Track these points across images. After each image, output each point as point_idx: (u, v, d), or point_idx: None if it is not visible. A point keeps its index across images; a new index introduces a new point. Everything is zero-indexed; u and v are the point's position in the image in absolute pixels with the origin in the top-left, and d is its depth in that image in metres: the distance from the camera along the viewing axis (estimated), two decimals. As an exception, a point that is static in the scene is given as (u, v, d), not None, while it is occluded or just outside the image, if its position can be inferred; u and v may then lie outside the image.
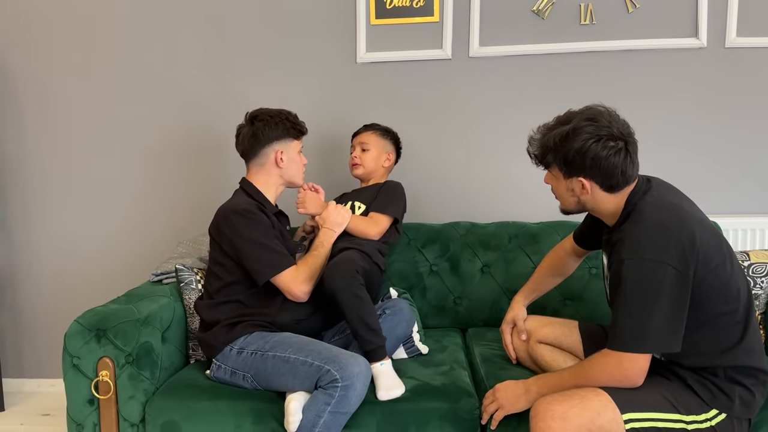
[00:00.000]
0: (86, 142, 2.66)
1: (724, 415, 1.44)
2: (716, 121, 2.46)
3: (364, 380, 1.62)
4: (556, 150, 1.49)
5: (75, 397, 1.74)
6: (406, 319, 1.92)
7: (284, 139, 1.96)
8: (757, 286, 1.94)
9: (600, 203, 1.53)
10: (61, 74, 2.63)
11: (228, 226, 1.82)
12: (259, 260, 1.81)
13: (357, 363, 1.63)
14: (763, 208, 2.48)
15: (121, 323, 1.74)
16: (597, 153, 1.44)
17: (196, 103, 2.60)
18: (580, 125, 1.46)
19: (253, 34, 2.56)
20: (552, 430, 1.37)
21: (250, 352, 1.75)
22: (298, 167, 2.01)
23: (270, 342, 1.76)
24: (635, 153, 1.49)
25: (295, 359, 1.67)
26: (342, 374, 1.59)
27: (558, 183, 1.57)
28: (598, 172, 1.47)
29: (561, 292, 2.22)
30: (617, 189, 1.50)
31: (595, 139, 1.44)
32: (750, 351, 1.47)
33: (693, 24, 2.42)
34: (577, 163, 1.47)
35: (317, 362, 1.64)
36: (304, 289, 1.84)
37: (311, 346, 1.71)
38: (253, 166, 1.99)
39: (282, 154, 1.95)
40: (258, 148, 1.95)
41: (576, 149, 1.45)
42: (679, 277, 1.37)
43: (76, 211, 2.70)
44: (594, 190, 1.51)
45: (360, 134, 2.29)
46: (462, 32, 2.48)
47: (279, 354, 1.71)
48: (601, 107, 1.51)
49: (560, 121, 1.53)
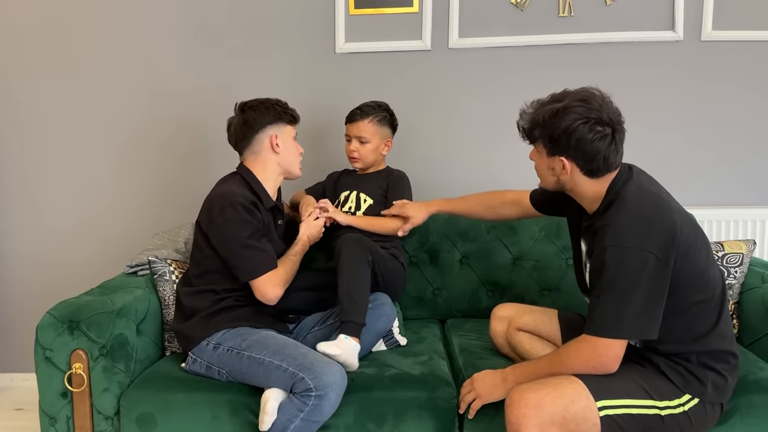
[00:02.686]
0: (58, 134, 2.61)
1: (696, 400, 1.46)
2: (692, 113, 2.48)
3: (338, 390, 1.58)
4: (544, 126, 1.49)
5: (48, 390, 1.72)
6: (387, 313, 1.91)
7: (277, 123, 1.90)
8: (730, 276, 1.97)
9: (578, 186, 1.53)
10: (33, 67, 2.58)
11: (221, 217, 1.77)
12: (243, 260, 1.77)
13: (332, 372, 1.59)
14: (737, 200, 2.51)
15: (94, 315, 1.71)
16: (583, 135, 1.45)
17: (172, 95, 2.57)
18: (571, 105, 1.46)
19: (231, 26, 2.52)
20: (527, 418, 1.38)
21: (227, 349, 1.73)
22: (295, 155, 1.95)
23: (247, 341, 1.73)
24: (621, 142, 1.49)
25: (269, 362, 1.64)
26: (316, 384, 1.56)
27: (540, 160, 1.57)
28: (581, 154, 1.47)
29: (539, 283, 2.23)
30: (597, 174, 1.50)
31: (583, 121, 1.44)
32: (723, 336, 1.49)
33: (670, 17, 2.44)
34: (562, 142, 1.47)
35: (292, 368, 1.60)
36: (278, 292, 1.81)
37: (287, 350, 1.67)
38: (248, 156, 1.92)
39: (277, 138, 1.90)
40: (251, 135, 1.89)
41: (563, 128, 1.46)
42: (659, 264, 1.39)
43: (47, 202, 2.66)
44: (574, 171, 1.51)
45: (356, 123, 2.16)
46: (441, 23, 2.48)
47: (254, 355, 1.68)
48: (596, 90, 1.50)
49: (555, 98, 1.52)
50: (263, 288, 1.79)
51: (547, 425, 1.38)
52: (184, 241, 2.22)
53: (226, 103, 1.99)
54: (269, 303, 1.82)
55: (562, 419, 1.38)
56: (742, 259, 1.98)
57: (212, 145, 2.55)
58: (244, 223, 1.78)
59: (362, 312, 1.76)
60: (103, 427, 1.73)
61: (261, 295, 1.80)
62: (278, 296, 1.81)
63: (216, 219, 1.78)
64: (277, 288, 1.80)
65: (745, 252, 1.99)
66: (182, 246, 2.19)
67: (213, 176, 2.01)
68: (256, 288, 1.79)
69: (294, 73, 2.53)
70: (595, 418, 1.39)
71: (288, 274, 1.85)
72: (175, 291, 1.93)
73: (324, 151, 2.43)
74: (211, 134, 2.55)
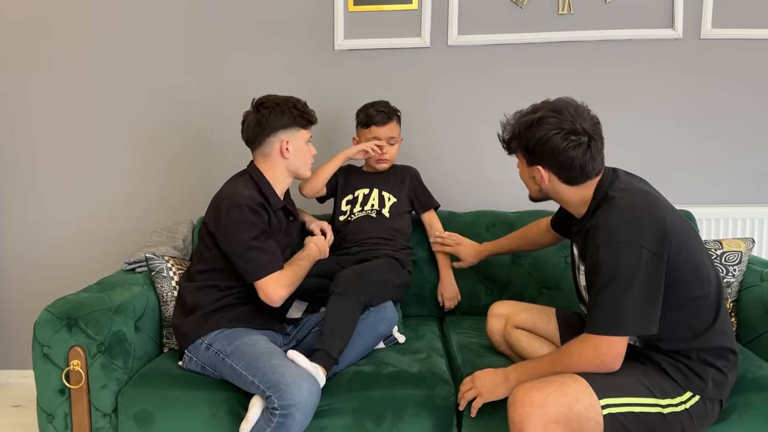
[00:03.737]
0: (58, 130, 2.60)
1: (698, 397, 1.46)
2: (691, 110, 2.49)
3: (304, 410, 1.54)
4: (520, 137, 1.54)
5: (45, 387, 1.71)
6: (389, 317, 1.90)
7: (291, 128, 1.88)
8: (729, 274, 1.97)
9: (560, 194, 1.57)
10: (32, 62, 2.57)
11: (227, 219, 1.76)
12: (248, 261, 1.76)
13: (299, 391, 1.53)
14: (736, 198, 2.51)
15: (92, 312, 1.71)
16: (556, 144, 1.48)
17: (173, 92, 2.55)
18: (546, 116, 1.50)
19: (231, 23, 2.51)
20: (530, 416, 1.37)
21: (215, 351, 1.72)
22: (306, 158, 1.93)
23: (232, 345, 1.70)
24: (597, 150, 1.51)
25: (245, 376, 1.62)
26: (281, 403, 1.52)
27: (522, 169, 1.61)
28: (556, 163, 1.50)
29: (537, 281, 2.23)
30: (576, 182, 1.53)
31: (556, 131, 1.48)
32: (722, 332, 1.50)
33: (669, 15, 2.43)
34: (537, 152, 1.51)
35: (262, 386, 1.57)
36: (283, 294, 1.78)
37: (260, 362, 1.62)
38: (258, 156, 1.91)
39: (287, 144, 1.87)
40: (263, 137, 1.87)
41: (536, 138, 1.49)
42: (653, 259, 1.39)
43: (45, 199, 2.64)
44: (552, 180, 1.54)
45: (387, 125, 2.17)
46: (440, 20, 2.47)
47: (234, 364, 1.66)
48: (570, 100, 1.53)
49: (532, 109, 1.56)
50: (267, 289, 1.77)
51: (551, 424, 1.37)
52: (182, 238, 2.21)
53: (224, 101, 1.99)
54: (273, 304, 1.79)
55: (566, 418, 1.38)
56: (740, 257, 1.97)
57: (211, 142, 2.54)
58: (250, 225, 1.76)
59: (338, 349, 1.72)
60: (101, 424, 1.72)
61: (265, 296, 1.77)
62: (283, 297, 1.79)
63: (222, 220, 1.77)
64: (281, 289, 1.78)
65: (744, 250, 1.99)
66: (180, 243, 2.18)
67: (212, 173, 2.01)
68: (261, 289, 1.77)
69: (293, 70, 2.52)
70: (599, 416, 1.39)
71: (294, 276, 1.82)
72: (178, 286, 1.93)
73: (323, 148, 2.40)
74: (209, 131, 2.54)
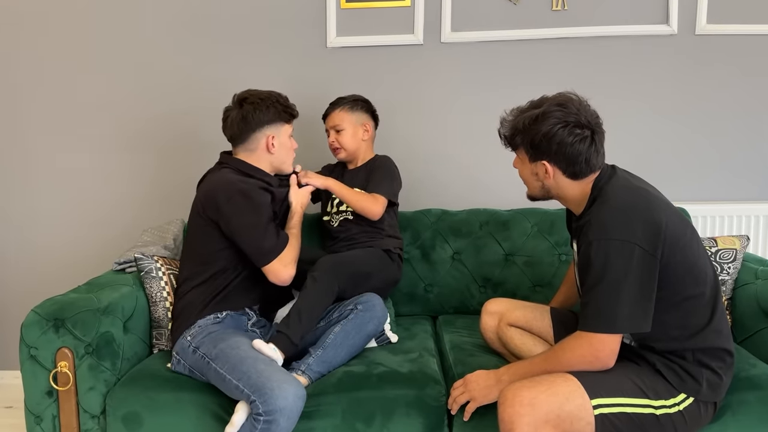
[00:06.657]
0: (48, 131, 2.58)
1: (691, 399, 1.45)
2: (686, 107, 2.47)
3: (289, 414, 1.52)
4: (525, 132, 1.52)
5: (33, 389, 1.69)
6: (378, 316, 1.87)
7: (275, 123, 1.88)
8: (724, 272, 1.95)
9: (563, 189, 1.55)
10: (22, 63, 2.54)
11: (231, 206, 1.76)
12: (259, 246, 1.77)
13: (284, 396, 1.51)
14: (732, 195, 2.50)
15: (80, 313, 1.69)
16: (563, 138, 1.47)
17: (162, 90, 2.54)
18: (550, 110, 1.49)
19: (222, 19, 2.49)
20: (520, 416, 1.36)
21: (201, 355, 1.70)
22: (289, 152, 1.95)
23: (217, 348, 1.68)
24: (601, 143, 1.52)
25: (229, 380, 1.60)
26: (265, 408, 1.50)
27: (524, 166, 1.59)
28: (563, 157, 1.49)
29: (531, 278, 2.22)
30: (580, 176, 1.52)
31: (562, 125, 1.47)
32: (718, 332, 1.48)
33: (664, 11, 2.42)
34: (543, 146, 1.50)
35: (246, 390, 1.55)
36: (292, 272, 1.81)
37: (244, 366, 1.60)
38: (241, 152, 1.90)
39: (273, 139, 1.88)
40: (248, 133, 1.87)
41: (543, 133, 1.48)
42: (646, 256, 1.38)
43: (33, 198, 2.62)
44: (557, 175, 1.53)
45: (329, 115, 2.20)
46: (433, 17, 2.45)
47: (218, 368, 1.64)
48: (572, 95, 1.53)
49: (532, 104, 1.56)
50: (277, 270, 1.79)
51: (541, 424, 1.36)
52: (173, 238, 2.20)
53: (217, 98, 1.97)
54: (284, 284, 1.82)
55: (557, 418, 1.37)
56: (735, 254, 1.96)
57: (203, 140, 2.52)
58: (256, 208, 1.78)
59: (299, 334, 1.76)
60: (89, 425, 1.71)
61: (276, 278, 1.80)
62: (291, 276, 1.81)
63: (225, 208, 1.77)
64: (289, 267, 1.80)
65: (739, 248, 1.97)
66: (171, 242, 2.16)
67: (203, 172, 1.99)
68: (270, 272, 1.79)
69: (285, 68, 2.51)
70: (590, 416, 1.38)
71: (295, 251, 1.85)
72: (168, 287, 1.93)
73: (314, 144, 2.40)
74: (201, 129, 2.52)
